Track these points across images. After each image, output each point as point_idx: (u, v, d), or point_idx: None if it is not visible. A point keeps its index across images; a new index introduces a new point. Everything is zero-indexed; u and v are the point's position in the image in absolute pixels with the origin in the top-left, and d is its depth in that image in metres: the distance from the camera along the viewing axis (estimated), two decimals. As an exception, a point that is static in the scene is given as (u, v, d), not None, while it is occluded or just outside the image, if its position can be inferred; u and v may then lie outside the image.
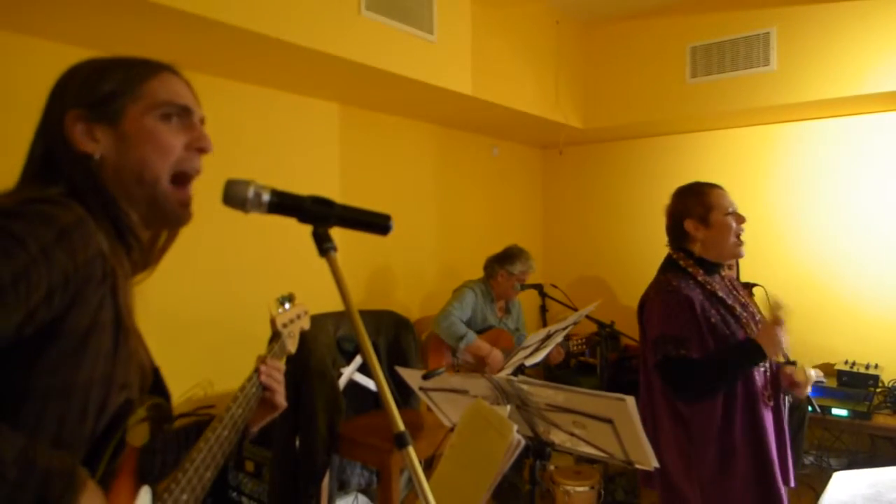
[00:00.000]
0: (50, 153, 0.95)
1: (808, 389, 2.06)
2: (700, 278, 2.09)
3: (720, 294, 2.08)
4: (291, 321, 1.42)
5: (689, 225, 2.11)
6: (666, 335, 2.00)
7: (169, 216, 1.00)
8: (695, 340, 1.98)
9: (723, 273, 2.20)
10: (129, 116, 0.96)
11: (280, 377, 1.24)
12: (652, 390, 2.14)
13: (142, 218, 0.99)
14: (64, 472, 0.76)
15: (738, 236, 2.10)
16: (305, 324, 1.49)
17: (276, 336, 1.35)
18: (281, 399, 1.24)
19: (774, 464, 1.99)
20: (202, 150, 1.02)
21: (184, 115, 1.01)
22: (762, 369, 2.07)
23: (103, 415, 0.87)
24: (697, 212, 2.10)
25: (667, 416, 2.08)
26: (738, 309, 2.09)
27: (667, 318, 2.03)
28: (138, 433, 0.95)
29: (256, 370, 1.22)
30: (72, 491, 0.76)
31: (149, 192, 0.97)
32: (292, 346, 1.40)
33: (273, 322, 1.36)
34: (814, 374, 2.13)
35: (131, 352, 0.92)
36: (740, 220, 2.11)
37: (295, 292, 1.48)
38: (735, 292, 2.17)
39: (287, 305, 1.43)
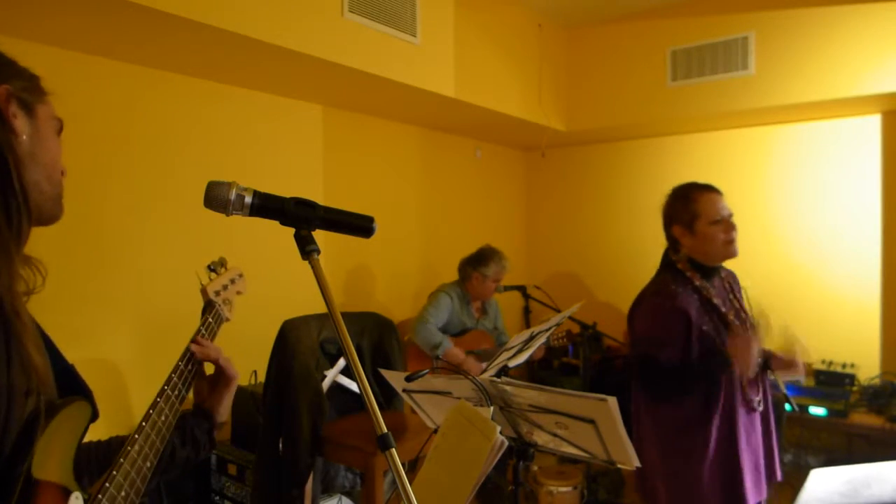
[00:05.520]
0: None
1: (802, 368, 2.06)
2: (697, 283, 2.06)
3: (715, 301, 2.06)
4: (224, 287, 1.37)
5: (676, 231, 2.10)
6: (646, 336, 2.05)
7: (56, 215, 0.96)
8: (677, 346, 1.98)
9: (722, 274, 2.17)
10: (40, 116, 0.93)
11: (216, 348, 1.20)
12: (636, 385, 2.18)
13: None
14: None
15: (727, 241, 2.04)
16: (242, 287, 1.43)
17: (209, 306, 1.30)
18: (231, 369, 1.19)
19: (743, 469, 2.00)
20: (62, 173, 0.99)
21: (59, 133, 0.98)
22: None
23: (8, 427, 0.80)
24: (683, 218, 2.08)
25: (644, 408, 2.14)
26: (732, 317, 2.07)
27: (652, 319, 2.05)
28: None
29: (186, 352, 1.17)
30: None
31: (55, 192, 0.94)
32: (229, 312, 1.34)
33: (204, 291, 1.31)
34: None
35: (29, 356, 0.83)
36: (729, 228, 2.04)
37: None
38: (732, 296, 2.15)
39: (218, 272, 1.38)
